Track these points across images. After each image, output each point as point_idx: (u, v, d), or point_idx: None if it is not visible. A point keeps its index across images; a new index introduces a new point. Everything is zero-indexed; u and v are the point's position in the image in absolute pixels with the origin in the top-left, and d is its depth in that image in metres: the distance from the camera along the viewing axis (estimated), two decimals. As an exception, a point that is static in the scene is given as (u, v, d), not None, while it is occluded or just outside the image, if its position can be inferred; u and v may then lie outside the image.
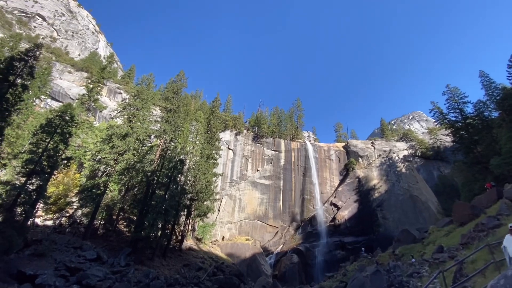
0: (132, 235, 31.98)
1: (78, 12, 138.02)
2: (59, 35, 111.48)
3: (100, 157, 34.21)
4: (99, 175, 33.91)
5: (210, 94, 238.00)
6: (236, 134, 73.11)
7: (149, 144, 41.71)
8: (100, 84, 42.14)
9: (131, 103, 39.42)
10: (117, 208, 36.34)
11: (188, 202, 42.36)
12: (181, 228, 43.78)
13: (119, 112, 39.86)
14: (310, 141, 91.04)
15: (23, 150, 30.15)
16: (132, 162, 35.73)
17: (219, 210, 60.73)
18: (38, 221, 32.07)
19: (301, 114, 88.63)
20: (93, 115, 54.55)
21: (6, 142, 29.55)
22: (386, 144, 75.41)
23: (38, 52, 28.55)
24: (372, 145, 74.80)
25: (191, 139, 44.60)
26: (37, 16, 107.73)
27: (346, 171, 70.06)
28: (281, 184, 67.36)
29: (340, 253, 51.35)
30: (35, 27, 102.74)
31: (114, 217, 36.61)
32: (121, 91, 72.35)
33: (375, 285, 16.12)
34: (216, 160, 52.24)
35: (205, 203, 44.80)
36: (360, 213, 58.58)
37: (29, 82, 29.17)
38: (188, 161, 42.70)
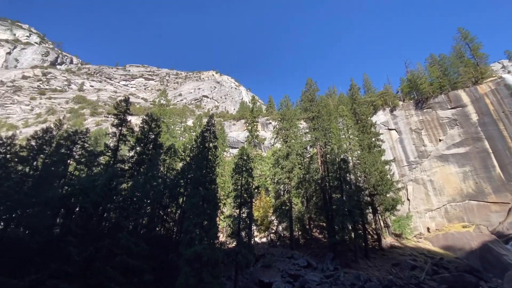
0: (328, 240, 33.74)
1: (222, 79, 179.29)
2: (218, 102, 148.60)
3: (277, 179, 40.06)
4: (282, 194, 39.46)
5: (344, 85, 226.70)
6: (391, 111, 63.22)
7: (308, 155, 44.32)
8: (254, 123, 51.12)
9: (281, 127, 44.35)
10: (306, 218, 40.12)
11: (368, 199, 39.91)
12: (373, 226, 41.34)
13: (275, 138, 45.86)
14: (508, 72, 62.88)
15: (230, 190, 40.88)
16: (302, 175, 39.03)
17: (408, 200, 52.57)
18: (256, 239, 41.21)
19: (476, 45, 63.55)
20: (259, 148, 66.12)
21: (220, 188, 41.37)
22: None
23: (213, 120, 39.34)
24: None
25: (343, 136, 43.16)
26: (203, 97, 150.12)
27: None
28: (487, 145, 49.19)
29: None
30: (204, 104, 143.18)
31: (307, 226, 40.49)
32: (270, 121, 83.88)
33: None
34: (379, 147, 47.00)
35: (387, 195, 40.45)
36: None
37: (215, 143, 40.44)
38: (350, 158, 41.17)
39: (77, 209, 25.92)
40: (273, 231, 42.25)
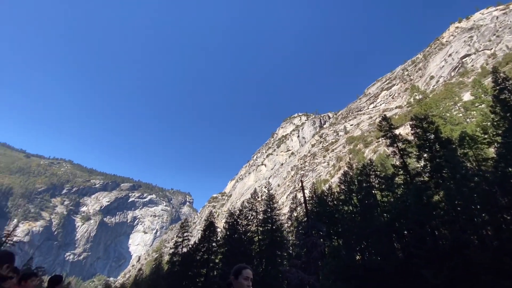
0: None
1: (473, 22, 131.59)
2: (489, 49, 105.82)
3: None
4: None
5: None
6: None
7: None
8: None
9: None
10: None
11: None
12: None
13: None
14: None
15: None
16: None
17: None
18: None
19: None
20: None
21: None
22: None
23: (500, 74, 27.59)
24: None
25: None
26: (461, 59, 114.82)
27: None
28: None
29: None
30: (471, 65, 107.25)
31: None
32: None
33: None
34: None
35: None
36: None
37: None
38: None
39: (405, 232, 26.90)
40: None
